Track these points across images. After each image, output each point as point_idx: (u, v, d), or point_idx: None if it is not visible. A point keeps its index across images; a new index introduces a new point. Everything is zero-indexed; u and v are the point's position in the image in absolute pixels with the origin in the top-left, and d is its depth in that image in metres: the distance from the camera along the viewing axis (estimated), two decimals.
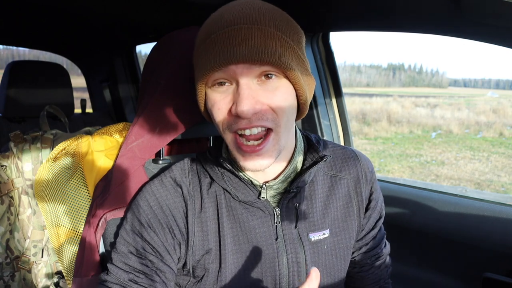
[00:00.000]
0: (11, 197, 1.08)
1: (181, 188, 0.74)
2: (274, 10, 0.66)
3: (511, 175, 8.33)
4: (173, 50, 0.91)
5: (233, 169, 0.71)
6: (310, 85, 0.70)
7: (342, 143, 1.66)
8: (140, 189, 0.78)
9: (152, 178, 0.87)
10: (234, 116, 0.64)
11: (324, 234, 0.76)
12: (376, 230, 0.85)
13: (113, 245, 0.77)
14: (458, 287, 1.25)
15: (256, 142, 0.65)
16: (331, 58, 1.54)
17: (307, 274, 0.73)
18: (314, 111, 1.55)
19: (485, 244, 1.19)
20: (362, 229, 0.83)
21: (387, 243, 0.90)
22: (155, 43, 0.97)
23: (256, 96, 0.63)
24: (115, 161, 0.90)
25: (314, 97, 1.53)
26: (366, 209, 0.82)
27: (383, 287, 0.90)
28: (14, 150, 1.08)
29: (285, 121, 0.66)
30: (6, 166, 1.07)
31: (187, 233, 0.72)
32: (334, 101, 1.59)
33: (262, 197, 0.72)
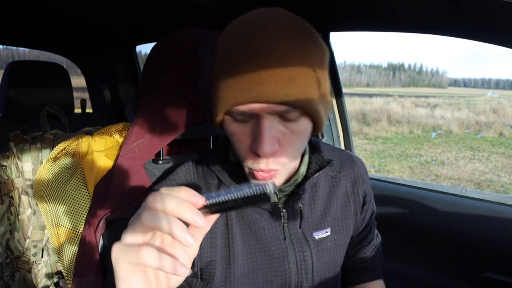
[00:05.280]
0: (11, 197, 1.08)
1: None
2: (303, 32, 0.61)
3: (511, 175, 8.33)
4: (174, 50, 0.91)
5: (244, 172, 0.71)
6: (328, 111, 0.68)
7: (342, 143, 1.66)
8: (145, 192, 0.78)
9: (157, 181, 0.86)
10: (254, 153, 0.62)
11: (326, 232, 0.79)
12: (371, 225, 0.91)
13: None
14: (458, 287, 1.25)
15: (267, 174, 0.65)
16: (331, 58, 1.54)
17: (313, 271, 0.76)
18: None
19: (485, 244, 1.19)
20: (360, 226, 0.88)
21: (378, 233, 0.96)
22: (155, 43, 0.97)
23: (276, 134, 0.61)
24: (115, 161, 0.90)
25: None
26: (361, 210, 0.87)
27: (377, 272, 0.96)
28: (14, 150, 1.08)
29: (295, 156, 0.67)
30: (6, 166, 1.07)
31: None
32: (334, 101, 1.59)
33: (273, 201, 0.73)
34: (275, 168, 0.64)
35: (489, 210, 1.21)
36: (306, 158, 0.77)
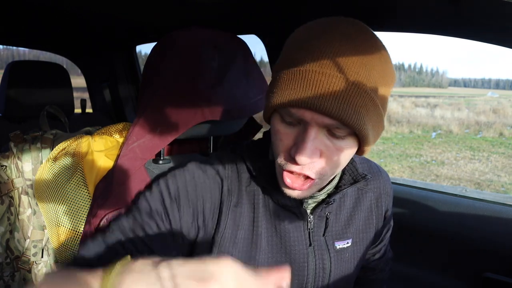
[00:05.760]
0: (11, 197, 1.08)
1: (222, 181, 0.73)
2: (375, 53, 0.59)
3: (511, 175, 8.33)
4: (174, 50, 0.91)
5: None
6: (377, 136, 0.65)
7: None
8: (180, 165, 0.76)
9: (187, 161, 0.85)
10: (291, 157, 0.62)
11: (347, 243, 0.79)
12: (386, 239, 0.91)
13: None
14: (458, 287, 1.25)
15: (300, 179, 0.64)
16: None
17: (329, 280, 0.76)
18: None
19: (485, 244, 1.19)
20: (376, 240, 0.88)
21: (390, 248, 0.97)
22: (155, 43, 0.97)
23: (319, 146, 0.60)
24: (116, 161, 0.90)
25: None
26: (382, 224, 0.87)
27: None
28: (14, 150, 1.08)
29: (332, 174, 0.66)
30: (6, 166, 1.07)
31: (218, 223, 0.71)
32: None
33: (304, 207, 0.73)
34: (309, 175, 0.62)
35: (489, 210, 1.21)
36: (340, 172, 0.76)
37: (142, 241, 0.66)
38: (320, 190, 0.72)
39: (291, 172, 0.63)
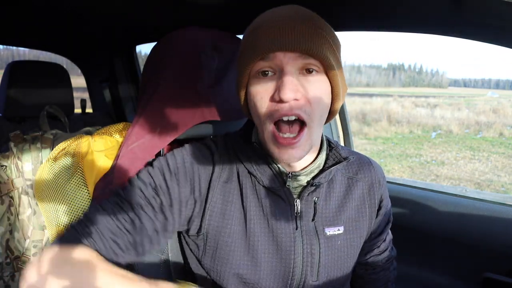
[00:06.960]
0: (11, 197, 1.08)
1: (213, 156, 0.78)
2: (316, 21, 0.69)
3: (511, 175, 8.33)
4: (174, 50, 0.91)
5: (263, 155, 0.75)
6: (344, 89, 0.73)
7: (342, 143, 1.66)
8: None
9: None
10: (276, 102, 0.67)
11: (338, 230, 0.80)
12: (385, 234, 0.90)
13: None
14: (458, 287, 1.25)
15: (292, 135, 0.68)
16: None
17: (319, 266, 0.77)
18: None
19: (485, 244, 1.19)
20: (373, 231, 0.88)
21: (393, 247, 0.96)
22: (155, 43, 0.97)
23: (297, 85, 0.66)
24: (115, 161, 0.90)
25: None
26: (377, 214, 0.87)
27: None
28: (14, 150, 1.08)
29: (319, 116, 0.70)
30: (6, 166, 1.07)
31: (207, 196, 0.75)
32: None
33: (288, 186, 0.75)
34: (299, 114, 0.66)
35: (489, 210, 1.21)
36: (324, 153, 0.79)
37: (146, 214, 0.71)
38: (302, 169, 0.75)
39: (282, 130, 0.68)
